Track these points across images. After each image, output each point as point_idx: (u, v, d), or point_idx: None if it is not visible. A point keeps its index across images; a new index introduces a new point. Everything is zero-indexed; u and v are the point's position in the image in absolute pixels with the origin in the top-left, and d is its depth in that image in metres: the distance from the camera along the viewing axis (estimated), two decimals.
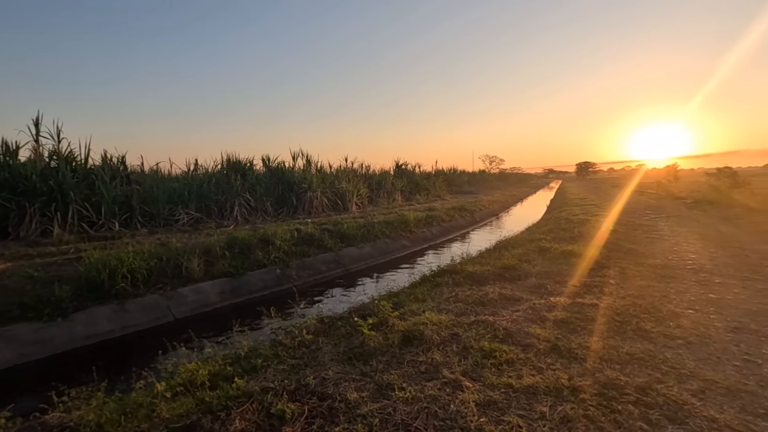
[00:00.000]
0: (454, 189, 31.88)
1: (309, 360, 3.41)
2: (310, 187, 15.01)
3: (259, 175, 14.58)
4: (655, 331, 3.81)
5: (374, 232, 11.67)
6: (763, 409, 2.55)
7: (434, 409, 2.53)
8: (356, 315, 4.44)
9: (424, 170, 28.55)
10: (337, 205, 16.30)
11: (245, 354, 3.55)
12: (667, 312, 4.35)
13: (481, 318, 4.14)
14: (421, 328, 3.77)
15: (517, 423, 2.35)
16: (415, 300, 5.17)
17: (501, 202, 26.32)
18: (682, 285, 5.42)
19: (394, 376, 2.97)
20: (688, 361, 3.22)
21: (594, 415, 2.43)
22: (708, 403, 2.61)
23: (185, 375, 2.98)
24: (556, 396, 2.67)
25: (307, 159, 17.34)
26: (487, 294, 5.04)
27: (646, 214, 14.12)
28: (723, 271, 6.10)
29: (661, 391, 2.70)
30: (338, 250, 10.12)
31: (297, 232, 10.12)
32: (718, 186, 18.30)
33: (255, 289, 7.63)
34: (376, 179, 21.09)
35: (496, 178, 52.52)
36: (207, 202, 12.22)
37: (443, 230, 14.66)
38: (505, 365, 3.13)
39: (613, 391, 2.72)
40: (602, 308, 4.42)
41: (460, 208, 18.20)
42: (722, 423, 2.37)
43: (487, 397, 2.66)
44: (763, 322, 4.04)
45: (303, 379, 2.93)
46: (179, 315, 6.30)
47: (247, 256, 8.36)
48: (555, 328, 3.90)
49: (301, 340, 3.81)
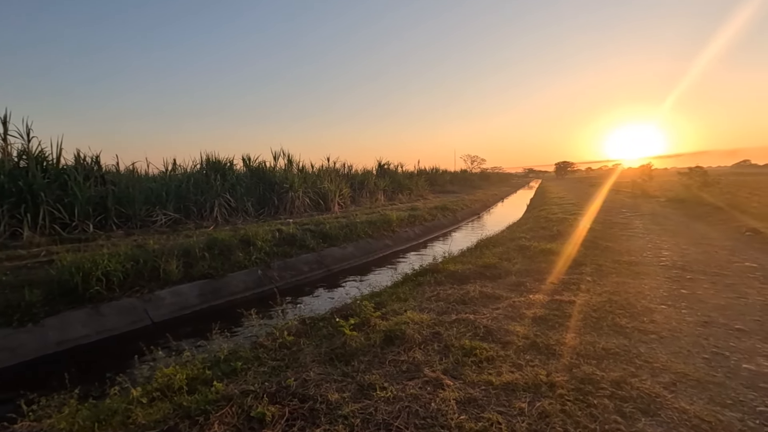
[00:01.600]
0: (437, 188, 32.09)
1: (290, 361, 3.38)
2: (291, 187, 14.87)
3: (239, 175, 14.37)
4: (630, 327, 3.92)
5: (357, 231, 11.64)
6: (730, 399, 2.65)
7: (415, 407, 2.54)
8: (338, 315, 4.43)
9: (406, 170, 28.67)
10: (319, 205, 16.21)
11: (225, 357, 3.50)
12: (641, 308, 4.48)
13: (462, 316, 4.18)
14: (403, 328, 3.79)
15: (497, 419, 2.38)
16: (397, 299, 5.18)
17: (482, 201, 26.63)
18: (655, 281, 5.59)
19: (376, 375, 2.97)
20: (661, 355, 3.33)
21: (571, 410, 2.48)
22: (679, 395, 2.70)
23: (162, 380, 2.92)
24: (534, 392, 2.72)
25: (289, 159, 17.19)
26: (468, 292, 5.09)
27: (622, 212, 14.50)
28: (694, 267, 6.31)
29: (635, 385, 2.78)
30: (320, 250, 10.07)
31: (278, 232, 10.03)
32: (690, 185, 18.93)
33: (236, 291, 7.52)
34: (359, 179, 21.05)
35: (477, 177, 53.05)
36: (186, 202, 11.98)
37: (426, 229, 14.74)
38: (486, 363, 3.17)
39: (589, 385, 2.78)
40: (579, 305, 4.52)
41: (443, 208, 18.34)
42: (692, 414, 2.46)
43: (468, 394, 2.69)
44: (730, 315, 4.21)
45: (284, 380, 2.90)
46: (157, 318, 6.16)
47: (228, 257, 8.23)
48: (534, 325, 3.98)
49: (282, 341, 3.78)
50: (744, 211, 12.93)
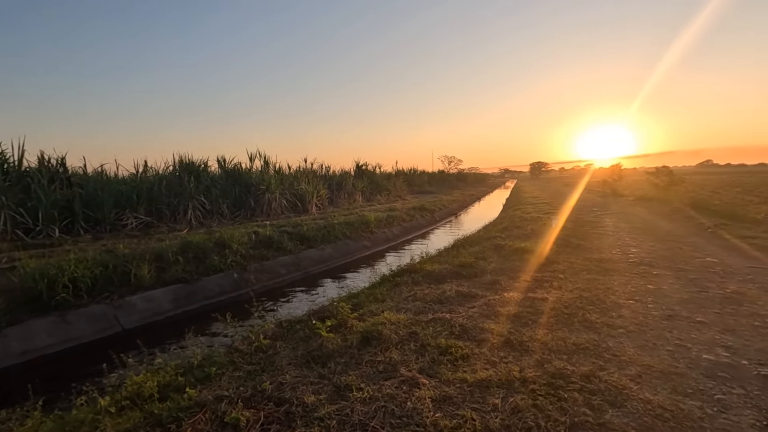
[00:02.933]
0: (415, 189, 32.30)
1: (266, 365, 3.34)
2: (268, 188, 14.70)
3: (214, 177, 14.11)
4: (600, 322, 4.05)
5: (335, 233, 11.60)
6: (691, 389, 2.78)
7: (391, 407, 2.56)
8: (315, 317, 4.40)
9: (384, 171, 28.73)
10: (296, 206, 16.07)
11: (199, 363, 3.42)
12: (610, 303, 4.64)
13: (438, 316, 4.23)
14: (380, 328, 3.80)
15: (471, 416, 2.42)
16: (374, 300, 5.19)
17: (460, 201, 26.94)
18: (624, 277, 5.79)
19: (352, 376, 2.98)
20: (628, 348, 3.45)
21: (542, 404, 2.55)
22: (644, 386, 2.81)
23: (132, 388, 2.84)
24: (507, 388, 2.78)
25: (265, 160, 16.98)
26: (445, 292, 5.15)
27: (593, 211, 14.94)
28: (660, 263, 6.56)
29: (604, 378, 2.88)
30: (298, 252, 9.98)
31: (255, 234, 9.89)
32: (657, 184, 19.68)
33: (211, 295, 7.38)
34: (337, 180, 20.98)
35: (455, 178, 53.64)
36: (158, 205, 11.68)
37: (404, 230, 14.81)
38: (461, 361, 3.22)
39: (560, 380, 2.86)
40: (552, 302, 4.64)
41: (421, 208, 18.46)
42: (656, 404, 2.57)
43: (443, 392, 2.73)
44: (693, 309, 4.40)
45: (259, 385, 2.87)
46: (128, 325, 5.98)
47: (203, 260, 8.06)
48: (508, 322, 4.06)
49: (258, 345, 3.73)
50: (706, 208, 13.54)
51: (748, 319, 4.09)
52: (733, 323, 3.98)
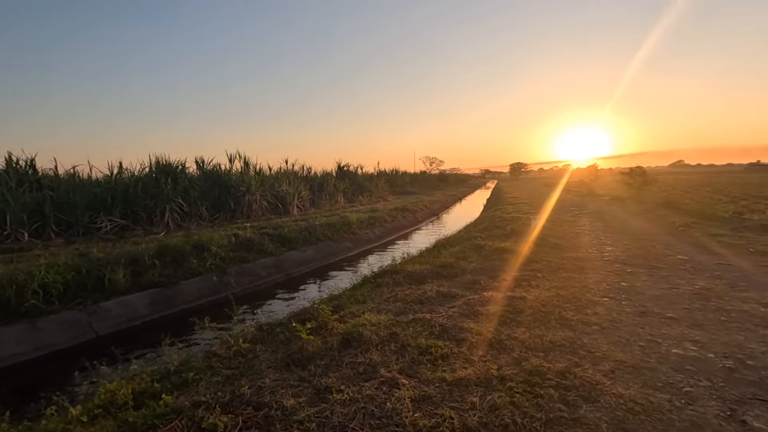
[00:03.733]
0: (397, 190, 32.38)
1: (245, 369, 3.31)
2: (248, 190, 14.51)
3: (192, 178, 13.84)
4: (575, 319, 4.15)
5: (316, 234, 11.54)
6: (660, 382, 2.88)
7: (371, 408, 2.57)
8: (295, 320, 4.37)
9: (366, 172, 28.72)
10: (277, 208, 15.91)
11: (176, 368, 3.36)
12: (585, 301, 4.75)
13: (419, 316, 4.27)
14: (360, 330, 3.81)
15: (450, 415, 2.45)
16: (355, 302, 5.19)
17: (441, 202, 27.15)
18: (599, 275, 5.94)
19: (332, 378, 2.98)
20: (602, 344, 3.55)
21: (519, 401, 2.60)
22: (617, 381, 2.90)
23: (105, 396, 2.76)
24: (486, 386, 2.83)
25: (245, 161, 16.75)
26: (426, 292, 5.19)
27: (571, 210, 15.28)
28: (633, 261, 6.76)
29: (578, 374, 2.96)
30: (279, 254, 9.90)
31: (235, 237, 9.76)
32: (631, 184, 20.24)
33: (190, 299, 7.25)
34: (318, 181, 20.86)
35: (436, 178, 54.07)
36: (134, 207, 11.39)
37: (386, 231, 14.84)
38: (440, 360, 3.25)
39: (537, 377, 2.92)
40: (530, 300, 4.73)
41: (403, 209, 18.53)
42: (627, 398, 2.65)
43: (422, 392, 2.75)
44: (664, 305, 4.55)
45: (238, 389, 2.84)
46: (103, 331, 5.82)
47: (181, 264, 7.91)
48: (487, 321, 4.12)
49: (237, 349, 3.69)
50: (678, 208, 14.02)
51: (715, 314, 4.25)
52: (701, 318, 4.13)
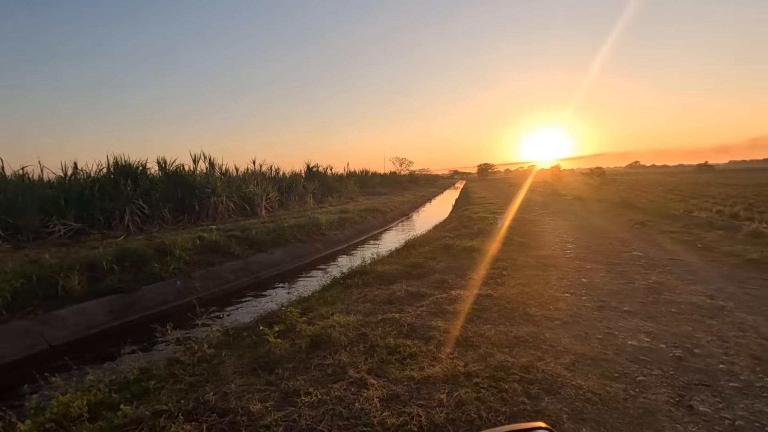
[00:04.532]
0: (367, 190, 32.38)
1: (210, 375, 3.22)
2: (214, 191, 14.12)
3: (154, 180, 13.33)
4: (539, 315, 4.29)
5: (285, 236, 11.38)
6: (617, 373, 3.02)
7: (339, 409, 2.56)
8: (263, 323, 4.30)
9: (336, 172, 28.58)
10: (245, 209, 15.57)
11: (136, 377, 3.23)
12: (548, 297, 4.93)
13: (388, 316, 4.29)
14: (329, 331, 3.79)
15: (417, 413, 2.48)
16: (324, 303, 5.16)
17: (411, 202, 27.37)
18: (561, 272, 6.17)
19: (301, 381, 2.95)
20: (564, 338, 3.69)
21: (484, 396, 2.67)
22: (577, 373, 3.02)
23: (58, 409, 2.62)
24: (453, 383, 2.88)
25: (210, 162, 16.28)
26: (395, 292, 5.22)
27: (535, 210, 15.77)
28: (593, 258, 7.06)
29: (541, 368, 3.06)
30: (247, 257, 9.69)
31: (200, 239, 9.48)
32: (592, 184, 21.12)
33: (152, 305, 6.99)
34: (287, 182, 20.57)
35: (406, 179, 54.45)
36: (90, 210, 10.84)
37: (356, 232, 14.81)
38: (409, 359, 3.29)
39: (502, 372, 3.00)
40: (495, 297, 4.85)
41: (373, 210, 18.55)
42: (586, 389, 2.76)
43: (391, 391, 2.77)
44: (620, 299, 4.78)
45: (202, 396, 2.76)
46: (57, 341, 5.52)
47: (142, 268, 7.61)
48: (455, 319, 4.19)
49: (202, 355, 3.59)
50: (634, 206, 14.75)
51: (667, 306, 4.50)
52: (654, 311, 4.36)
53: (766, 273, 5.70)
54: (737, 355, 3.28)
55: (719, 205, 13.97)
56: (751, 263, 6.23)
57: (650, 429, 2.34)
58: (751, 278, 5.52)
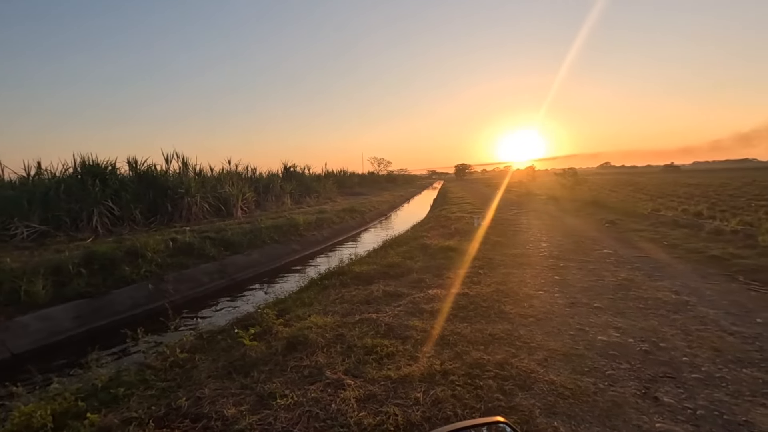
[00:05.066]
0: (345, 190, 32.26)
1: (183, 380, 3.15)
2: (187, 192, 13.77)
3: (124, 180, 12.90)
4: (513, 313, 4.38)
5: (262, 237, 11.22)
6: (587, 368, 3.12)
7: (316, 411, 2.55)
8: (238, 326, 4.24)
9: (314, 172, 28.36)
10: (220, 210, 15.26)
11: (104, 384, 3.12)
12: (523, 295, 5.03)
13: (365, 316, 4.29)
14: (306, 333, 3.76)
15: (394, 412, 2.50)
16: (301, 305, 5.12)
17: (390, 202, 27.42)
18: (535, 270, 6.31)
19: (276, 384, 2.92)
20: (537, 335, 3.78)
21: (460, 394, 2.70)
22: (549, 369, 3.10)
23: (19, 420, 2.50)
24: (429, 381, 2.91)
25: (184, 161, 15.85)
26: (372, 292, 5.23)
27: (511, 209, 16.06)
28: (566, 256, 7.25)
29: (515, 364, 3.13)
30: (222, 258, 9.51)
31: (173, 241, 9.24)
32: (565, 184, 21.67)
33: (122, 309, 6.76)
34: (264, 182, 20.26)
35: (384, 179, 54.53)
36: (56, 212, 10.39)
37: (334, 232, 14.74)
38: (386, 359, 3.30)
39: (477, 369, 3.05)
40: (472, 296, 4.93)
41: (351, 210, 18.50)
42: (558, 384, 2.84)
43: (368, 391, 2.78)
44: (591, 296, 4.93)
45: (174, 402, 2.70)
46: (18, 349, 5.27)
47: (111, 272, 7.36)
48: (431, 318, 4.23)
49: (174, 360, 3.50)
50: (604, 205, 15.21)
51: (635, 302, 4.67)
52: (623, 307, 4.52)
53: (726, 269, 5.98)
54: (699, 347, 3.43)
55: (684, 204, 14.56)
56: (713, 259, 6.52)
57: (618, 421, 2.42)
58: (713, 274, 5.78)
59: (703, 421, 2.40)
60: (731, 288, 5.12)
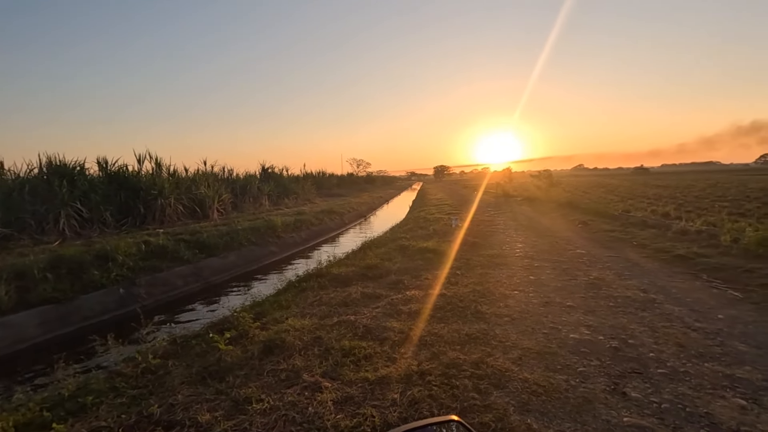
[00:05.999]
0: (324, 192, 32.10)
1: (155, 387, 3.08)
2: (161, 193, 13.43)
3: (94, 181, 12.48)
4: (489, 312, 4.45)
5: (239, 239, 11.05)
6: (560, 365, 3.20)
7: (292, 415, 2.53)
8: (213, 330, 4.16)
9: (292, 174, 28.12)
10: (195, 212, 14.94)
11: (71, 393, 3.01)
12: (498, 294, 5.12)
13: (343, 318, 4.29)
14: (284, 336, 3.73)
15: (371, 413, 2.51)
16: (279, 307, 5.07)
17: (369, 204, 27.43)
18: (511, 270, 6.43)
19: (252, 388, 2.88)
20: (512, 334, 3.85)
21: (437, 394, 2.73)
22: (524, 367, 3.17)
23: None
24: (406, 382, 2.93)
25: (157, 162, 15.44)
26: (351, 294, 5.23)
27: (488, 211, 16.32)
28: (541, 256, 7.42)
29: (490, 363, 3.18)
30: (197, 261, 9.32)
31: (146, 244, 9.00)
32: (540, 186, 22.16)
33: (91, 315, 6.56)
34: (241, 183, 19.95)
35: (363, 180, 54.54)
36: (19, 214, 9.96)
37: (313, 234, 14.64)
38: (364, 360, 3.30)
39: (453, 369, 3.09)
40: (449, 296, 4.98)
41: (330, 211, 18.41)
42: (532, 382, 2.91)
43: (345, 393, 2.78)
44: (564, 295, 5.06)
45: (146, 409, 2.63)
46: None
47: (79, 276, 7.11)
48: (409, 319, 4.26)
49: (146, 366, 3.41)
50: (578, 207, 15.62)
51: (605, 300, 4.82)
52: (594, 305, 4.66)
53: (691, 268, 6.24)
54: (665, 343, 3.57)
55: (653, 205, 15.08)
56: (679, 259, 6.79)
57: (588, 416, 2.50)
58: (679, 272, 6.02)
59: (668, 414, 2.51)
60: (695, 286, 5.35)
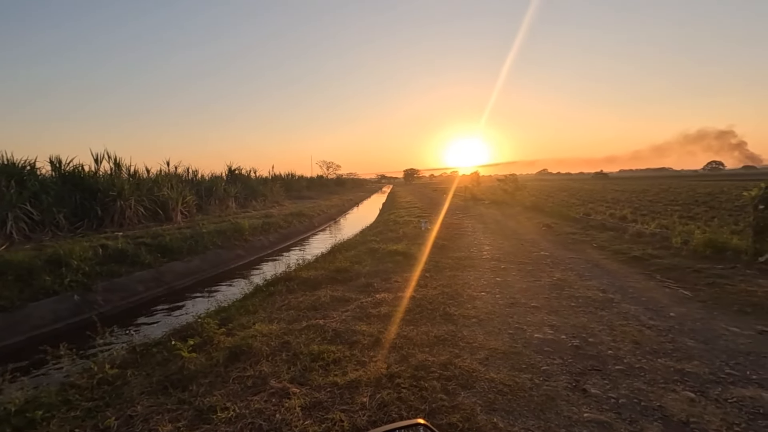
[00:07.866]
0: (293, 194, 31.69)
1: (112, 399, 2.93)
2: (120, 194, 12.85)
3: (46, 181, 11.79)
4: (457, 314, 4.52)
5: (203, 243, 10.73)
6: (524, 364, 3.29)
7: (259, 422, 2.48)
8: (176, 337, 4.01)
9: (260, 175, 27.60)
10: (158, 215, 14.39)
11: (18, 408, 2.82)
12: (466, 296, 5.21)
13: (312, 322, 4.24)
14: (250, 342, 3.65)
15: (340, 418, 2.49)
16: (245, 312, 4.96)
17: (339, 206, 27.30)
18: (478, 272, 6.56)
19: (217, 396, 2.80)
20: (479, 335, 3.93)
21: (405, 396, 2.75)
22: (490, 367, 3.24)
23: None
24: (376, 385, 2.93)
25: (116, 161, 14.78)
26: (320, 298, 5.18)
27: (456, 214, 16.59)
28: (507, 258, 7.60)
29: (458, 364, 3.23)
30: (159, 266, 8.98)
31: (103, 248, 8.59)
32: (506, 190, 22.72)
33: (42, 324, 6.19)
34: (206, 185, 19.41)
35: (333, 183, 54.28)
36: None
37: (281, 237, 14.42)
38: (333, 365, 3.28)
39: (422, 371, 3.12)
40: (418, 299, 5.03)
41: (299, 214, 18.20)
42: (498, 381, 2.97)
43: (314, 399, 2.74)
44: (529, 296, 5.21)
45: (102, 422, 2.51)
46: None
47: (29, 282, 6.70)
48: (379, 322, 4.27)
49: (103, 376, 3.25)
50: (542, 210, 16.14)
51: (568, 300, 5.00)
52: (557, 305, 4.82)
53: (645, 268, 6.57)
54: (622, 341, 3.74)
55: (611, 209, 15.83)
56: (635, 260, 7.14)
57: (551, 413, 2.58)
58: (635, 273, 6.33)
59: (625, 408, 2.62)
60: (650, 286, 5.63)
